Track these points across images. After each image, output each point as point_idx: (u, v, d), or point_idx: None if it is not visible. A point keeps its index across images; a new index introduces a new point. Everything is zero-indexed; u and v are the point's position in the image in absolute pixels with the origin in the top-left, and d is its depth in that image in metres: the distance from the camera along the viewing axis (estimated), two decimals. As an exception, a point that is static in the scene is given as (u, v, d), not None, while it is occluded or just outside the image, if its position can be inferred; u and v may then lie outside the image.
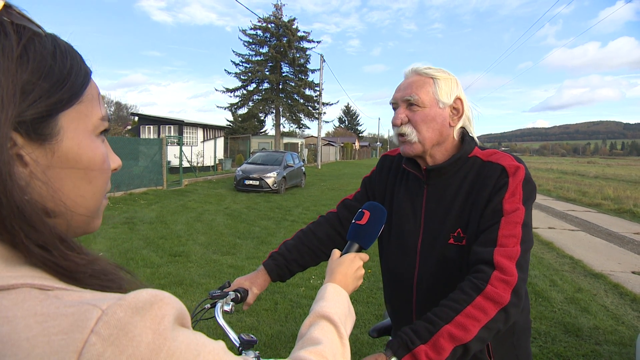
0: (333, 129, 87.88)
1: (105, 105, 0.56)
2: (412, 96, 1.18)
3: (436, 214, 1.23)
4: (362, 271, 0.98)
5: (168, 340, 0.39)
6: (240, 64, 29.91)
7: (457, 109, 1.22)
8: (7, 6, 0.43)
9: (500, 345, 1.18)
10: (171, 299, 0.42)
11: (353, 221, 1.08)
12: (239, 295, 1.25)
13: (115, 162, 0.56)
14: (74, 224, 0.49)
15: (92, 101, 0.50)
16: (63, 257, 0.44)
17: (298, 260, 1.40)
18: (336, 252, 1.02)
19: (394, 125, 1.23)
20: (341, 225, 1.45)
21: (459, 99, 1.22)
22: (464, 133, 1.26)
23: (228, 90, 30.19)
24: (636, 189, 18.30)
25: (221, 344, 0.46)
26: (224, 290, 1.26)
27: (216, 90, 30.95)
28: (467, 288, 0.98)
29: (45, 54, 0.45)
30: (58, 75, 0.45)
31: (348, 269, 0.94)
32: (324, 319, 0.77)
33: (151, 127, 21.60)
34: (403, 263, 1.29)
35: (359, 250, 1.03)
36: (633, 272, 5.88)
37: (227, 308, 1.19)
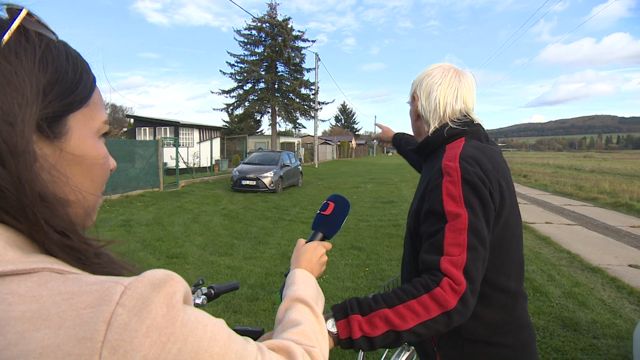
0: (330, 128, 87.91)
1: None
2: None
3: (411, 206, 1.29)
4: (326, 258, 1.02)
5: (180, 312, 0.44)
6: (236, 64, 29.83)
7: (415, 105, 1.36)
8: (28, 14, 0.48)
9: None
10: (181, 279, 0.47)
11: (318, 212, 1.10)
12: (212, 291, 1.35)
13: (112, 163, 0.59)
14: (87, 211, 0.53)
15: (97, 105, 0.55)
16: (81, 240, 0.49)
17: None
18: (301, 241, 1.04)
19: None
20: None
21: (414, 93, 1.34)
22: (444, 126, 1.27)
23: (224, 91, 30.11)
24: (632, 183, 18.36)
25: (222, 320, 0.51)
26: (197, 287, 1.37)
27: (212, 92, 30.88)
28: (418, 284, 0.99)
29: (61, 59, 0.50)
30: (71, 79, 0.50)
31: (312, 255, 0.98)
32: (299, 301, 0.80)
33: (147, 128, 21.53)
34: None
35: (322, 239, 1.06)
36: (630, 265, 5.90)
37: (198, 301, 1.27)
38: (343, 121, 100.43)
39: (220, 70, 30.00)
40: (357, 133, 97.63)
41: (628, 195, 13.02)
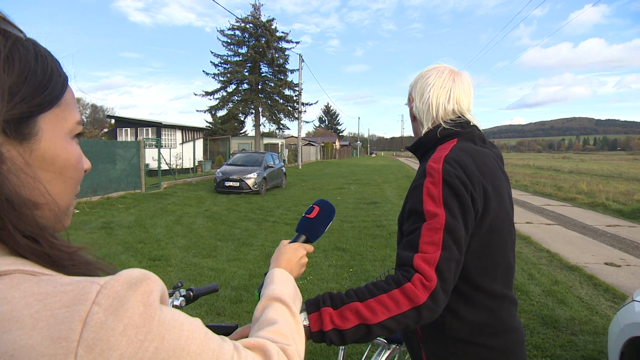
0: (313, 129, 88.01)
1: (80, 108, 0.57)
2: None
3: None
4: (306, 260, 1.03)
5: (157, 310, 0.44)
6: (219, 65, 29.63)
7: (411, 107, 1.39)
8: None
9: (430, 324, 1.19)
10: (157, 278, 0.47)
11: (303, 215, 1.11)
12: (191, 293, 1.35)
13: (86, 164, 0.58)
14: (58, 214, 0.52)
15: (69, 105, 0.53)
16: (50, 246, 0.48)
17: None
18: (284, 242, 1.06)
19: None
20: None
21: (409, 95, 1.37)
22: (437, 127, 1.27)
23: (207, 93, 29.87)
24: (608, 183, 18.87)
25: (199, 320, 0.51)
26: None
27: (195, 95, 30.64)
28: (390, 279, 1.01)
29: (29, 58, 0.48)
30: (40, 79, 0.48)
31: (292, 256, 1.00)
32: (276, 300, 0.80)
33: (128, 129, 21.21)
34: None
35: (305, 242, 1.08)
36: (606, 263, 6.06)
37: (177, 303, 1.28)
38: (327, 122, 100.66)
39: (204, 71, 29.90)
40: (340, 134, 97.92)
41: (604, 196, 13.38)
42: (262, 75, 30.27)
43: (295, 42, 31.03)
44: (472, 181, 1.10)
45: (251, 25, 28.89)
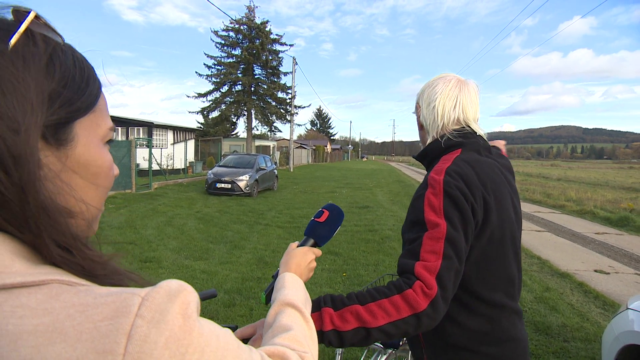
0: (305, 132, 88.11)
1: None
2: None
3: None
4: (314, 264, 1.03)
5: (196, 322, 0.44)
6: (213, 66, 29.53)
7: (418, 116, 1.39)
8: (36, 16, 0.47)
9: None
10: (192, 289, 0.47)
11: (312, 218, 1.11)
12: None
13: (115, 170, 0.59)
14: (89, 222, 0.51)
15: (102, 111, 0.54)
16: (82, 256, 0.47)
17: None
18: (292, 245, 1.06)
19: None
20: None
21: (417, 104, 1.38)
22: (442, 136, 1.28)
23: (200, 94, 29.74)
24: (595, 191, 19.14)
25: (229, 330, 0.51)
26: None
27: (187, 96, 30.55)
28: (392, 285, 1.02)
29: (69, 64, 0.48)
30: (78, 84, 0.49)
31: (302, 260, 0.99)
32: (289, 306, 0.80)
33: (119, 128, 21.01)
34: None
35: (313, 246, 1.08)
36: (595, 271, 6.14)
37: None
38: (319, 126, 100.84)
39: (196, 72, 29.69)
40: (332, 138, 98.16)
41: (592, 203, 13.55)
42: (256, 77, 30.23)
43: (289, 45, 31.10)
44: (473, 192, 1.11)
45: (245, 26, 28.87)
